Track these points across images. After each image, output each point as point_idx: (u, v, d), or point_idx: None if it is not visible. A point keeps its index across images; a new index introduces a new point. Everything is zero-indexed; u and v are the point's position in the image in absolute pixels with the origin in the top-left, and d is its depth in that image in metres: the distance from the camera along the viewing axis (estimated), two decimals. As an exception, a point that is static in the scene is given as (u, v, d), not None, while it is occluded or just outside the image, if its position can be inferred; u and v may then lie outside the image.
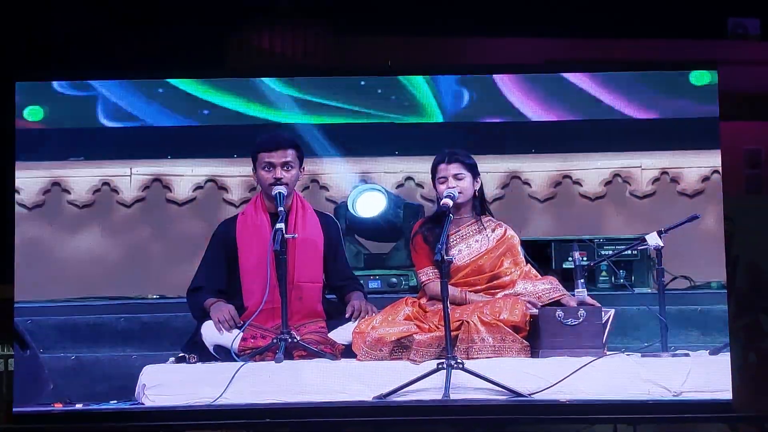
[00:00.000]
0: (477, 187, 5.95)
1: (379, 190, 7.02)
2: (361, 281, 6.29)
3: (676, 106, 7.22)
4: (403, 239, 6.92)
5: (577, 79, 7.32)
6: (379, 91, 7.35)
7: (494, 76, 7.31)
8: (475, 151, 6.03)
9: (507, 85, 7.36)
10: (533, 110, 7.35)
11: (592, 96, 7.33)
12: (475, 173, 5.93)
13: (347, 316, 5.89)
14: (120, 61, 7.80)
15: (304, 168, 5.99)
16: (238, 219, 6.02)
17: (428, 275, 5.88)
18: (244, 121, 7.25)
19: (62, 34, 7.78)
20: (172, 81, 7.19)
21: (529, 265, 6.00)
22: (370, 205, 7.00)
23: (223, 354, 5.77)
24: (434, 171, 5.93)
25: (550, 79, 7.34)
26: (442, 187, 5.87)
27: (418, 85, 7.35)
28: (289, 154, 5.92)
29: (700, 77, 7.09)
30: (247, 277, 5.88)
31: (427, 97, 7.37)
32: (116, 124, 7.19)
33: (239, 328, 5.76)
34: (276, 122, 7.26)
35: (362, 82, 7.31)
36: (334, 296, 6.13)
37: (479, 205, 5.97)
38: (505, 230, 5.99)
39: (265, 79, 7.18)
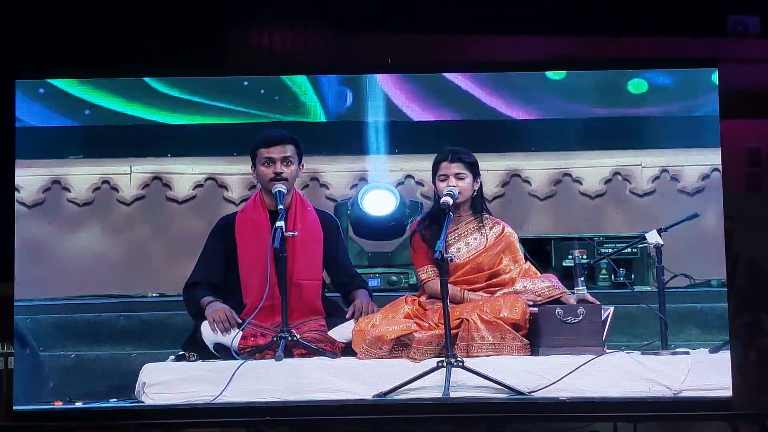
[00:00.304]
0: (477, 187, 5.94)
1: (388, 189, 7.02)
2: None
3: (560, 106, 7.27)
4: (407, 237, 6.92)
5: (458, 79, 7.32)
6: (262, 91, 7.34)
7: (377, 76, 7.32)
8: (475, 149, 6.03)
9: (389, 85, 7.36)
10: (415, 110, 7.36)
11: (473, 96, 7.33)
12: (476, 173, 5.93)
13: (348, 316, 5.89)
14: (119, 59, 7.80)
15: (303, 165, 5.99)
16: (237, 216, 6.01)
17: (428, 273, 5.88)
18: (126, 121, 7.21)
19: (62, 33, 7.78)
20: (52, 81, 7.14)
21: (528, 262, 6.00)
22: (377, 203, 7.00)
23: (223, 352, 5.77)
24: (435, 168, 5.92)
25: (432, 79, 7.34)
26: (442, 185, 5.87)
27: (302, 85, 7.35)
28: (289, 150, 5.92)
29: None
30: (246, 274, 5.88)
31: (311, 97, 7.37)
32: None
33: (238, 326, 5.75)
34: (174, 123, 7.28)
35: (245, 83, 7.29)
36: (338, 294, 6.13)
37: (478, 203, 5.97)
38: (503, 228, 5.98)
39: (147, 79, 7.15)
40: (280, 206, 5.80)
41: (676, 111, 7.31)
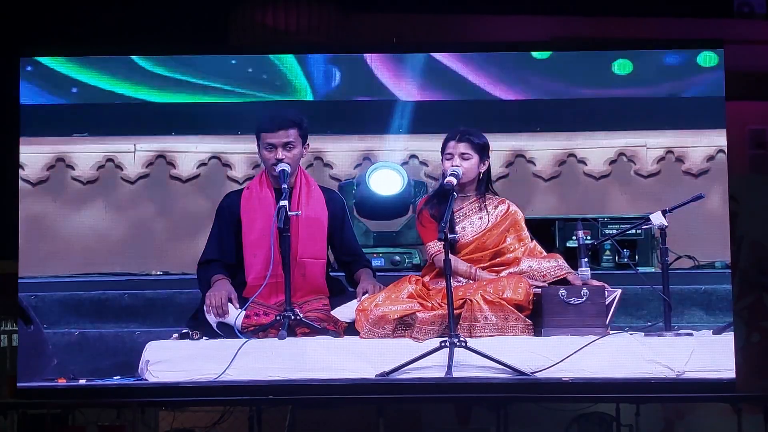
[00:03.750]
0: (483, 169, 5.94)
1: (395, 169, 7.01)
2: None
3: (543, 84, 7.27)
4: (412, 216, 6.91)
5: (444, 58, 7.29)
6: (250, 70, 7.30)
7: (365, 55, 7.29)
8: (480, 129, 6.01)
9: (377, 64, 7.33)
10: (404, 89, 7.33)
11: (458, 75, 7.31)
12: (483, 154, 5.92)
13: (359, 296, 5.87)
14: (124, 37, 7.79)
15: (308, 144, 5.98)
16: (242, 194, 6.01)
17: (437, 247, 5.85)
18: (113, 99, 7.19)
19: (66, 10, 7.76)
20: (40, 59, 7.10)
21: (534, 241, 5.99)
22: (384, 183, 6.99)
23: (226, 331, 5.77)
24: (444, 147, 5.92)
25: (421, 59, 7.32)
26: (447, 164, 5.87)
27: (290, 64, 7.31)
28: (291, 134, 5.89)
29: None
30: (249, 252, 5.88)
31: (298, 76, 7.33)
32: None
33: (240, 306, 5.76)
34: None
35: (233, 61, 7.25)
36: (342, 273, 6.13)
37: (484, 184, 5.96)
38: (508, 206, 5.98)
39: (134, 58, 7.10)
40: (284, 185, 5.80)
41: (660, 92, 7.29)
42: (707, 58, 7.16)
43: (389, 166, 7.06)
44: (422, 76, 7.33)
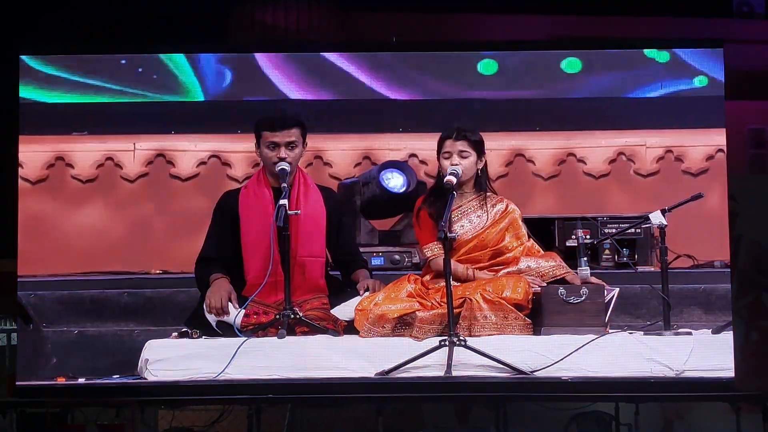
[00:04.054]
0: (480, 166, 5.94)
1: (404, 167, 7.02)
2: (365, 258, 6.29)
3: (433, 86, 7.27)
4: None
5: (338, 59, 7.29)
6: (140, 69, 7.28)
7: (255, 55, 7.27)
8: (480, 128, 6.01)
9: (267, 64, 7.32)
10: (293, 89, 7.33)
11: (352, 76, 7.31)
12: (480, 151, 5.92)
13: (361, 293, 5.87)
14: (123, 35, 7.79)
15: (306, 144, 5.98)
16: (240, 193, 6.01)
17: (433, 251, 5.87)
18: None
19: (65, 8, 7.76)
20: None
21: (531, 240, 5.99)
22: (395, 182, 7.00)
23: (225, 329, 5.78)
24: (440, 146, 5.92)
25: (311, 59, 7.31)
26: (445, 163, 5.86)
27: (180, 64, 7.29)
28: (293, 134, 5.90)
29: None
30: (248, 251, 5.88)
31: (189, 76, 7.32)
32: None
33: (240, 306, 5.76)
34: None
35: (123, 61, 7.23)
36: (338, 273, 6.13)
37: (482, 181, 5.96)
38: (507, 204, 5.98)
39: (24, 57, 7.05)
40: (284, 184, 5.80)
41: (608, 92, 7.30)
42: (571, 64, 7.22)
43: (399, 164, 7.07)
44: (312, 75, 7.32)
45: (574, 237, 6.08)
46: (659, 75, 7.26)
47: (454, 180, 5.77)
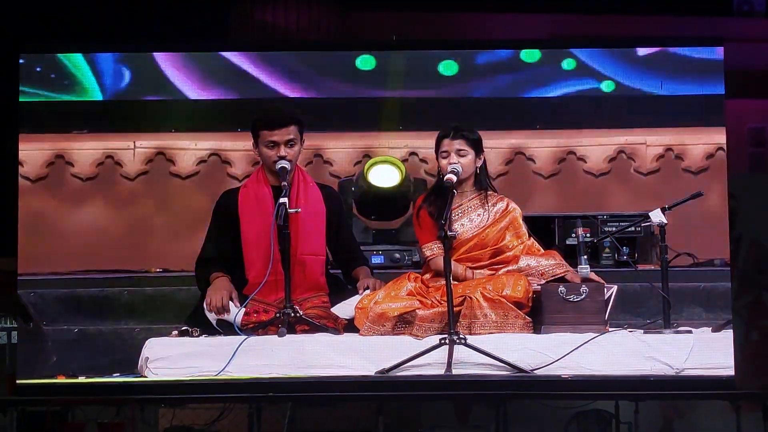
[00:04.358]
0: (479, 164, 5.93)
1: (392, 162, 7.01)
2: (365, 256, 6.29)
3: (340, 87, 7.27)
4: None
5: (236, 58, 7.28)
6: (38, 69, 7.25)
7: (155, 54, 7.24)
8: (479, 127, 6.01)
9: (166, 63, 7.30)
10: (193, 88, 7.30)
11: (251, 75, 7.30)
12: (478, 149, 5.91)
13: (361, 292, 5.88)
14: (123, 33, 7.79)
15: (304, 140, 5.98)
16: (240, 191, 6.01)
17: (432, 251, 5.88)
18: None
19: (66, 7, 7.77)
20: None
21: (531, 239, 5.99)
22: (382, 177, 6.99)
23: (226, 328, 5.78)
24: (438, 145, 5.91)
25: (210, 58, 7.29)
26: (444, 162, 5.86)
27: (78, 63, 7.26)
28: (292, 131, 5.89)
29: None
30: (249, 250, 5.88)
31: (87, 75, 7.28)
32: None
33: (240, 304, 5.76)
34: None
35: (21, 60, 7.17)
36: (339, 271, 6.13)
37: (482, 180, 5.96)
38: (507, 203, 5.98)
39: None
40: (284, 182, 5.80)
41: (485, 92, 7.32)
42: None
43: (386, 159, 7.06)
44: (211, 74, 7.30)
45: (574, 235, 6.07)
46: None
47: (454, 178, 5.77)
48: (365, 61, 7.30)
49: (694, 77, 7.16)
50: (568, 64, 7.27)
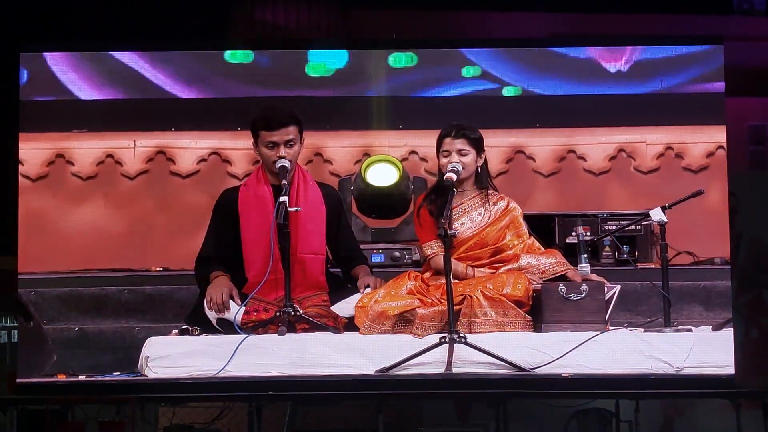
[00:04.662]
0: (480, 163, 5.94)
1: (390, 161, 7.01)
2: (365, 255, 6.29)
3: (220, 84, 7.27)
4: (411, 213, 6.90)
5: (126, 58, 7.25)
6: None
7: (45, 54, 7.20)
8: (480, 125, 6.01)
9: (58, 63, 7.27)
10: (84, 89, 7.27)
11: (141, 75, 7.28)
12: (479, 148, 5.92)
13: (361, 290, 5.87)
14: (123, 32, 7.79)
15: (304, 140, 5.97)
16: (240, 190, 6.01)
17: (433, 249, 5.88)
18: None
19: (65, 5, 7.77)
20: None
21: (532, 237, 5.99)
22: (379, 175, 6.99)
23: (226, 327, 5.78)
24: (439, 143, 5.92)
25: (101, 58, 7.25)
26: (445, 161, 5.86)
27: None
28: (291, 131, 5.89)
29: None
30: (249, 249, 5.88)
31: None
32: None
33: (241, 303, 5.76)
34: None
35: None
36: (339, 270, 6.13)
37: (483, 179, 5.96)
38: (508, 203, 5.98)
39: None
40: (284, 181, 5.80)
41: (353, 92, 7.33)
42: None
43: (384, 158, 7.06)
44: (103, 74, 7.28)
45: (574, 234, 6.08)
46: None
47: (454, 177, 5.77)
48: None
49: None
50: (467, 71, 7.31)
